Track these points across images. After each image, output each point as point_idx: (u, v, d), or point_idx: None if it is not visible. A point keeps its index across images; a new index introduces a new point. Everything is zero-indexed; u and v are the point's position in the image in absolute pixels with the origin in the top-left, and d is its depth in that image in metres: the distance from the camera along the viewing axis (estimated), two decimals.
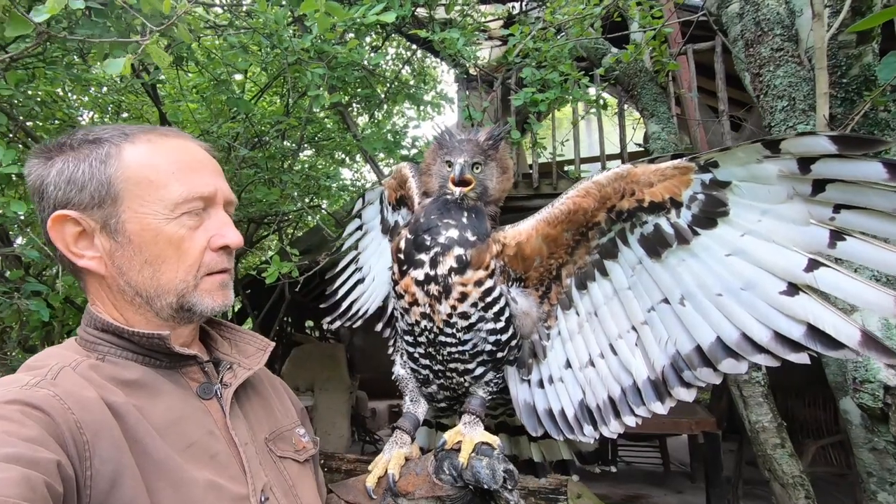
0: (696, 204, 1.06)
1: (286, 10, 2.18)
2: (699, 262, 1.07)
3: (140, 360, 0.85)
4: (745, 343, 1.01)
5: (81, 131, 0.88)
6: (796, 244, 0.97)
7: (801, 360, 0.97)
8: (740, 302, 1.02)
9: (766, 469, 2.91)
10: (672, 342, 1.10)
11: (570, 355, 1.23)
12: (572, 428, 1.19)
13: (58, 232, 0.83)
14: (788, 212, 0.98)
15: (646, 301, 1.14)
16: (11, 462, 0.58)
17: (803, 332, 0.96)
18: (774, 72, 2.53)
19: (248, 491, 0.83)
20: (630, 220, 1.14)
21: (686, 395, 1.08)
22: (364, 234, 1.75)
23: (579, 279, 1.22)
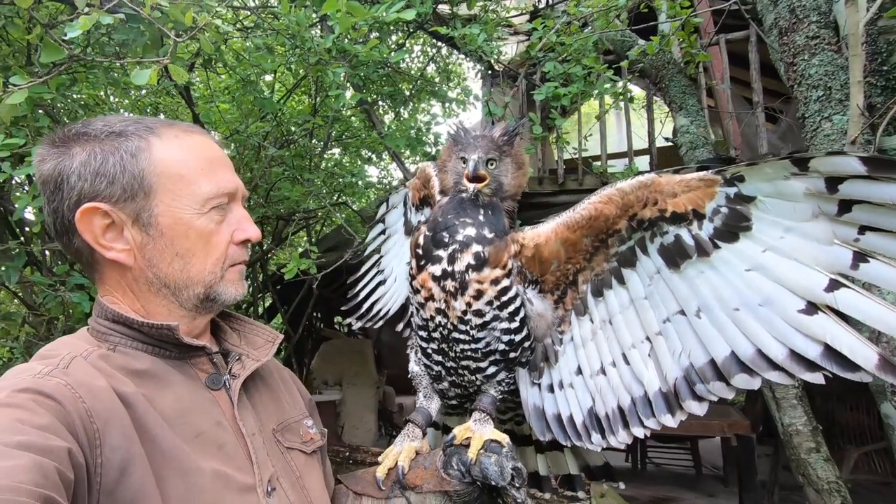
0: (720, 217, 1.05)
1: (309, 12, 2.22)
2: (718, 275, 1.06)
3: (150, 351, 0.86)
4: (760, 359, 1.00)
5: (99, 122, 0.87)
6: (818, 263, 0.96)
7: (816, 380, 0.96)
8: (758, 318, 1.01)
9: (799, 474, 2.80)
10: (686, 354, 1.08)
11: (582, 362, 1.21)
12: (580, 434, 1.18)
13: (87, 224, 0.82)
14: (813, 230, 0.96)
15: (662, 311, 1.13)
16: (24, 449, 0.59)
17: (820, 352, 0.95)
18: (809, 60, 2.42)
19: (255, 481, 0.84)
20: (651, 230, 1.13)
21: (697, 408, 1.06)
22: (387, 238, 1.77)
23: (596, 286, 1.21)
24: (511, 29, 5.19)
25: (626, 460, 7.59)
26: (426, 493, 1.12)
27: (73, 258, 0.90)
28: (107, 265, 0.87)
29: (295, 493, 0.91)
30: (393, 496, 1.14)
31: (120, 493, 0.69)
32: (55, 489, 0.58)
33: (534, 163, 4.72)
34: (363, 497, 1.15)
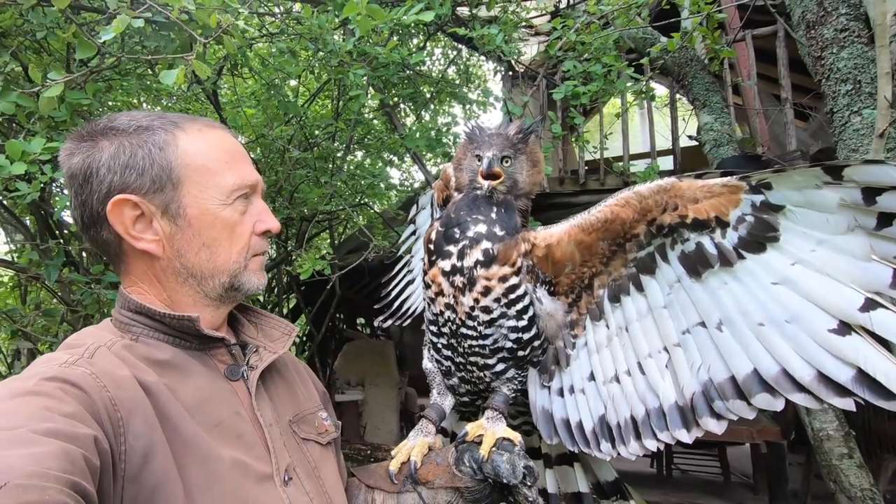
0: (745, 226, 1.01)
1: (331, 16, 2.28)
2: (742, 287, 1.01)
3: (171, 342, 0.88)
4: (785, 379, 0.95)
5: (124, 116, 0.89)
6: (853, 280, 0.90)
7: (846, 406, 0.91)
8: (783, 335, 0.96)
9: (831, 481, 2.70)
10: (705, 368, 1.04)
11: (595, 368, 1.19)
12: (588, 442, 1.16)
13: (117, 215, 0.84)
14: (848, 244, 0.91)
15: (681, 322, 1.09)
16: (52, 436, 0.61)
17: (851, 377, 0.89)
18: (838, 54, 2.36)
19: (273, 470, 0.86)
20: (671, 236, 1.09)
21: (715, 426, 1.03)
22: (417, 238, 1.80)
23: (613, 291, 1.18)
24: (531, 30, 5.19)
25: (651, 466, 7.45)
26: (437, 489, 1.13)
27: (100, 250, 0.92)
28: (134, 256, 0.89)
29: (311, 483, 0.92)
30: (405, 490, 1.14)
31: (143, 479, 0.71)
32: (82, 475, 0.60)
33: (555, 163, 4.70)
34: (375, 490, 1.16)
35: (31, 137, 1.85)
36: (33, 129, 2.01)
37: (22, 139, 1.80)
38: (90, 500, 0.59)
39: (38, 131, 1.95)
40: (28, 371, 0.74)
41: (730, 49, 3.22)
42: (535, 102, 4.25)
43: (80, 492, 0.58)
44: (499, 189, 1.22)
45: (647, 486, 5.55)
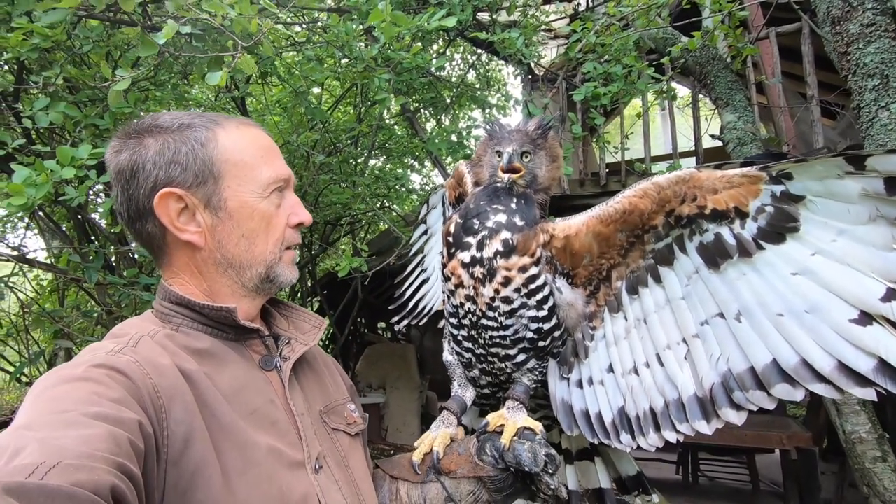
0: (764, 216, 1.00)
1: (356, 24, 2.36)
2: (761, 277, 1.01)
3: (209, 332, 0.91)
4: (805, 370, 0.95)
5: (167, 115, 0.93)
6: (874, 270, 0.90)
7: (868, 396, 0.90)
8: (803, 325, 0.96)
9: (864, 485, 2.63)
10: (724, 359, 1.04)
11: (614, 360, 1.19)
12: (608, 433, 1.16)
13: (164, 208, 0.87)
14: (869, 235, 0.91)
15: (700, 313, 1.08)
16: (100, 420, 0.63)
17: (873, 367, 0.88)
18: (864, 49, 2.32)
19: (304, 458, 0.88)
20: (689, 227, 1.09)
21: (735, 417, 1.02)
22: (429, 238, 1.82)
23: (631, 283, 1.18)
24: (551, 33, 5.22)
25: (677, 473, 7.30)
26: (460, 479, 1.13)
27: (143, 244, 0.96)
28: (178, 248, 0.92)
29: (340, 472, 0.95)
30: (428, 480, 1.16)
31: (184, 463, 0.73)
32: (127, 457, 0.62)
33: (575, 165, 4.70)
34: (399, 481, 1.17)
35: (78, 144, 1.97)
36: (79, 136, 2.14)
37: (69, 146, 1.91)
38: (135, 480, 0.62)
39: (84, 138, 2.06)
40: (77, 359, 0.77)
41: (753, 46, 3.19)
42: (556, 105, 4.27)
43: (126, 472, 0.60)
44: (519, 183, 1.23)
45: (672, 493, 5.45)
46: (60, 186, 1.95)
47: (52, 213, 4.21)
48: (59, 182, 1.86)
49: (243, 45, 1.31)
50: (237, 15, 1.23)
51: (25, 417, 0.65)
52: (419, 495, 1.15)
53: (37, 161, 1.82)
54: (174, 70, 2.78)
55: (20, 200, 1.66)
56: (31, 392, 0.71)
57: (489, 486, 1.13)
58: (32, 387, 0.72)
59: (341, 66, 2.61)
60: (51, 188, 1.78)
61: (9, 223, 4.35)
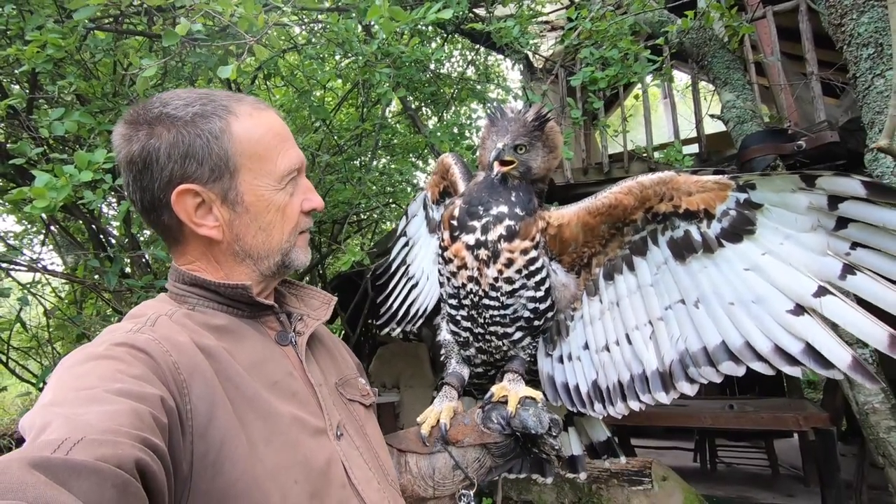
0: (728, 219, 1.14)
1: (355, 21, 2.42)
2: (719, 271, 1.15)
3: (225, 310, 0.92)
4: (747, 350, 1.09)
5: (176, 100, 0.89)
6: (810, 270, 1.05)
7: (794, 373, 1.05)
8: (749, 313, 1.10)
9: (879, 455, 2.63)
10: (682, 340, 1.18)
11: (589, 338, 1.31)
12: (584, 403, 1.28)
13: (182, 204, 0.87)
14: (810, 241, 1.06)
15: (665, 299, 1.22)
16: (123, 396, 0.64)
17: (801, 349, 1.04)
18: (858, 19, 2.34)
19: (326, 425, 0.91)
20: (664, 223, 1.22)
21: (689, 389, 1.15)
22: (411, 248, 1.83)
23: (608, 270, 1.30)
24: (548, 25, 5.25)
25: (695, 460, 7.27)
26: (466, 447, 1.21)
27: (159, 233, 0.96)
28: (195, 239, 0.93)
29: (360, 439, 0.98)
30: (436, 451, 1.22)
31: (211, 435, 0.75)
32: (150, 431, 0.63)
33: (578, 154, 4.73)
34: (407, 454, 1.23)
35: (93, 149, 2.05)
36: (94, 143, 2.21)
37: (85, 151, 1.99)
38: (160, 453, 0.63)
39: (99, 144, 2.14)
40: (98, 339, 0.78)
41: (749, 25, 3.21)
42: (555, 95, 4.30)
43: (150, 446, 0.61)
44: (512, 174, 1.30)
45: (691, 481, 5.44)
46: (80, 190, 2.03)
47: (67, 226, 4.32)
48: (78, 186, 1.93)
49: (251, 38, 1.36)
50: (243, 12, 1.28)
51: (51, 394, 0.67)
52: (427, 466, 1.22)
53: (56, 166, 1.89)
54: (181, 76, 2.86)
55: (43, 203, 1.74)
56: (57, 370, 0.73)
57: (493, 452, 1.21)
58: (58, 365, 0.74)
59: (342, 65, 2.66)
60: (70, 191, 1.85)
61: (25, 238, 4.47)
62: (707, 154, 4.35)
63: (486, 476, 1.25)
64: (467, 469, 1.21)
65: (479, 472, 1.22)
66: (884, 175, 2.28)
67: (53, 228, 4.15)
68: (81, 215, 3.62)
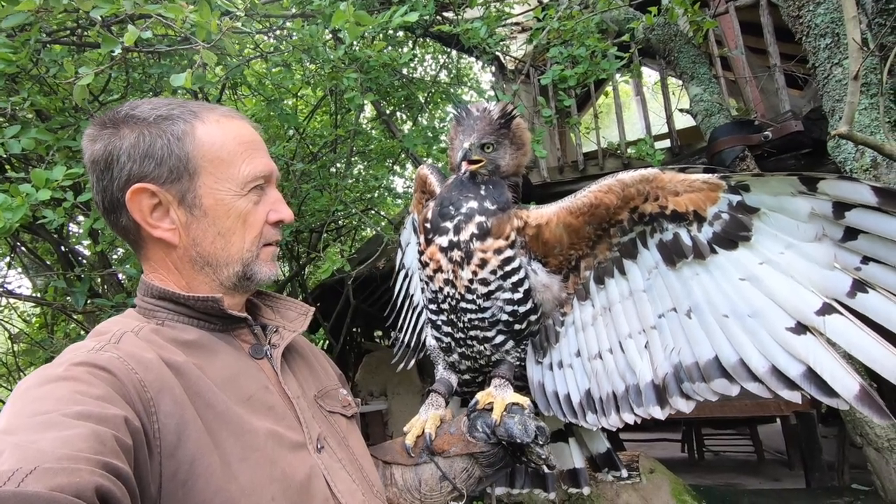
0: (720, 223, 1.06)
1: (321, 27, 2.39)
2: (712, 279, 1.07)
3: (195, 324, 0.90)
4: (742, 369, 1.01)
5: (146, 104, 0.90)
6: (814, 285, 0.95)
7: (793, 399, 0.96)
8: (745, 328, 1.02)
9: (857, 434, 2.69)
10: (676, 352, 1.10)
11: (581, 345, 1.24)
12: (576, 413, 1.22)
13: (136, 203, 0.86)
14: (814, 252, 0.96)
15: (658, 306, 1.14)
16: (83, 419, 0.61)
17: (801, 373, 0.94)
18: (815, 10, 2.40)
19: (305, 438, 0.88)
20: (651, 224, 1.15)
21: (684, 405, 1.07)
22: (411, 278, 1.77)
23: (598, 273, 1.23)
24: (519, 26, 5.28)
25: (682, 450, 7.37)
26: (453, 457, 1.16)
27: (121, 236, 0.94)
28: (153, 243, 0.91)
29: (342, 451, 0.96)
30: (422, 462, 1.18)
31: (180, 454, 0.72)
32: (113, 454, 0.60)
33: (553, 153, 4.76)
34: (393, 465, 1.19)
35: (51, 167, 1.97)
36: (53, 160, 2.14)
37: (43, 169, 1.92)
38: (124, 477, 0.60)
39: (57, 161, 2.07)
40: (58, 359, 0.75)
41: (712, 20, 3.27)
42: (528, 95, 4.33)
43: (112, 471, 0.59)
44: (481, 172, 1.27)
45: (680, 471, 5.51)
46: (38, 210, 1.95)
47: (35, 247, 4.18)
48: (37, 205, 1.86)
49: (204, 45, 1.33)
50: (197, 19, 1.25)
51: (4, 421, 0.63)
52: (413, 477, 1.17)
53: (11, 185, 1.82)
54: (145, 89, 2.79)
55: None
56: (12, 395, 0.69)
57: (481, 462, 1.16)
58: (14, 389, 0.70)
59: (310, 72, 2.63)
60: (28, 211, 1.78)
61: None
62: (679, 148, 4.43)
63: (475, 486, 1.20)
64: (455, 480, 1.16)
65: (468, 483, 1.17)
66: (846, 161, 2.34)
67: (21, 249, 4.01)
68: (47, 235, 3.51)
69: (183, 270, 0.92)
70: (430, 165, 1.58)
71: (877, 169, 2.17)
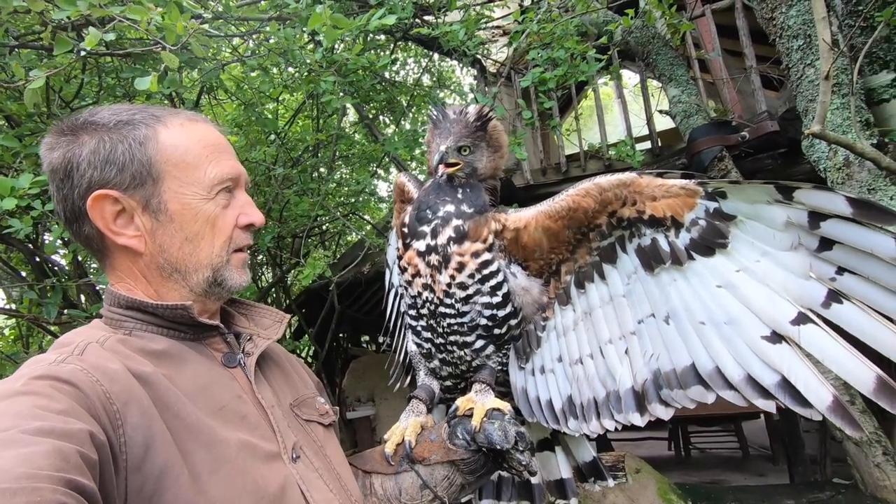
0: (697, 229, 1.06)
1: (298, 30, 2.36)
2: (689, 285, 1.07)
3: (165, 333, 0.87)
4: (717, 376, 1.01)
5: (106, 110, 0.88)
6: (790, 294, 0.96)
7: (768, 408, 0.96)
8: (721, 335, 1.02)
9: (836, 429, 2.73)
10: (655, 358, 1.09)
11: (563, 350, 1.24)
12: (558, 419, 1.21)
13: (98, 211, 0.83)
14: (790, 260, 0.97)
15: (637, 312, 1.14)
16: (44, 435, 0.59)
17: (776, 382, 0.94)
18: (787, 12, 2.45)
19: (280, 448, 0.86)
20: (630, 229, 1.14)
21: (663, 412, 1.07)
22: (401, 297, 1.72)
23: (578, 278, 1.23)
24: (500, 29, 5.30)
25: (669, 449, 7.42)
26: (434, 465, 1.14)
27: (84, 246, 0.92)
28: (118, 252, 0.88)
29: (319, 461, 0.94)
30: (402, 471, 1.16)
31: (147, 468, 0.70)
32: (78, 471, 0.58)
33: (535, 155, 4.78)
34: (372, 475, 1.17)
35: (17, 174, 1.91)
36: (20, 167, 2.07)
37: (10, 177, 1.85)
38: (88, 493, 0.58)
39: (24, 168, 2.00)
40: (17, 373, 0.73)
41: (689, 22, 3.32)
42: (510, 98, 4.34)
43: (76, 488, 0.57)
44: (458, 175, 1.26)
45: (666, 469, 5.54)
46: (3, 220, 1.89)
47: (10, 258, 4.06)
48: (2, 215, 1.80)
49: (170, 47, 1.30)
50: (162, 21, 1.21)
51: None
52: (394, 486, 1.15)
53: None
54: (118, 94, 2.73)
55: None
56: None
57: (462, 469, 1.14)
58: None
59: (289, 76, 2.60)
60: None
61: None
62: (660, 149, 4.48)
63: (457, 494, 1.17)
64: (436, 488, 1.14)
65: (450, 491, 1.15)
66: (820, 160, 2.38)
67: None
68: (19, 245, 3.41)
69: (151, 278, 0.89)
70: (407, 173, 1.57)
71: (849, 167, 2.22)
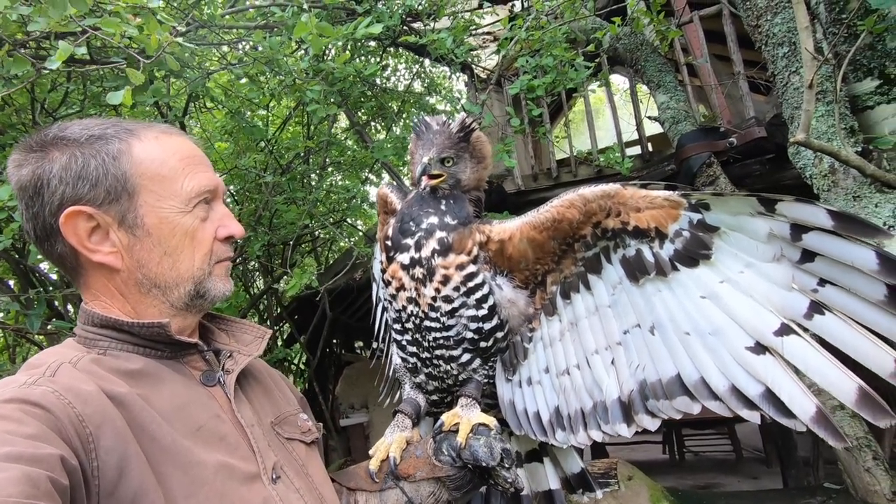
0: (681, 240, 1.06)
1: (284, 38, 2.35)
2: (673, 296, 1.08)
3: (141, 352, 0.85)
4: (703, 387, 1.01)
5: (76, 125, 0.86)
6: (773, 305, 0.97)
7: (752, 419, 0.96)
8: (705, 346, 1.02)
9: None
10: (641, 368, 1.10)
11: (549, 361, 1.23)
12: (545, 431, 1.20)
13: (71, 228, 0.81)
14: (772, 272, 0.98)
15: (622, 322, 1.14)
16: (13, 461, 0.58)
17: (760, 393, 0.95)
18: (772, 20, 2.47)
19: (259, 469, 0.84)
20: (614, 240, 1.15)
21: (649, 423, 1.07)
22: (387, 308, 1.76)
23: (564, 289, 1.23)
24: (491, 36, 5.32)
25: (664, 452, 7.43)
26: (419, 482, 1.12)
27: (57, 265, 0.90)
28: (93, 269, 0.86)
29: (300, 480, 0.92)
30: (386, 487, 1.13)
31: (120, 492, 0.69)
32: (48, 497, 0.57)
33: (526, 161, 4.78)
34: (357, 492, 1.15)
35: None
36: (1, 178, 2.04)
37: None
38: None
39: (4, 180, 1.97)
40: None
41: (676, 29, 3.34)
42: (501, 105, 4.35)
43: None
44: (441, 186, 1.25)
45: (661, 473, 5.53)
46: None
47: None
48: None
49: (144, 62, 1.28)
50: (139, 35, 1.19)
51: None
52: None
53: None
54: (103, 103, 2.70)
55: None
56: None
57: (448, 486, 1.12)
58: None
59: (275, 83, 2.59)
60: None
61: None
62: (650, 155, 4.50)
63: None
64: None
65: None
66: (806, 167, 2.40)
67: None
68: (4, 255, 3.36)
69: (128, 295, 0.87)
70: (389, 184, 1.54)
71: (835, 175, 2.24)
